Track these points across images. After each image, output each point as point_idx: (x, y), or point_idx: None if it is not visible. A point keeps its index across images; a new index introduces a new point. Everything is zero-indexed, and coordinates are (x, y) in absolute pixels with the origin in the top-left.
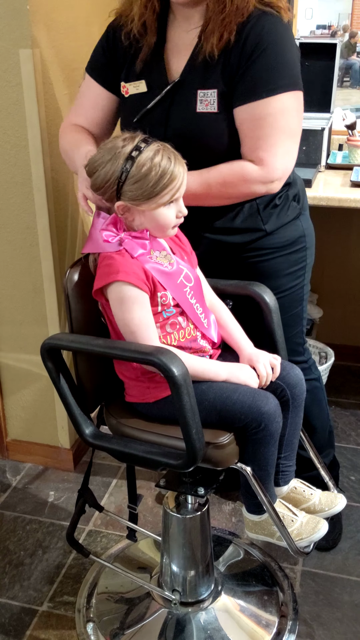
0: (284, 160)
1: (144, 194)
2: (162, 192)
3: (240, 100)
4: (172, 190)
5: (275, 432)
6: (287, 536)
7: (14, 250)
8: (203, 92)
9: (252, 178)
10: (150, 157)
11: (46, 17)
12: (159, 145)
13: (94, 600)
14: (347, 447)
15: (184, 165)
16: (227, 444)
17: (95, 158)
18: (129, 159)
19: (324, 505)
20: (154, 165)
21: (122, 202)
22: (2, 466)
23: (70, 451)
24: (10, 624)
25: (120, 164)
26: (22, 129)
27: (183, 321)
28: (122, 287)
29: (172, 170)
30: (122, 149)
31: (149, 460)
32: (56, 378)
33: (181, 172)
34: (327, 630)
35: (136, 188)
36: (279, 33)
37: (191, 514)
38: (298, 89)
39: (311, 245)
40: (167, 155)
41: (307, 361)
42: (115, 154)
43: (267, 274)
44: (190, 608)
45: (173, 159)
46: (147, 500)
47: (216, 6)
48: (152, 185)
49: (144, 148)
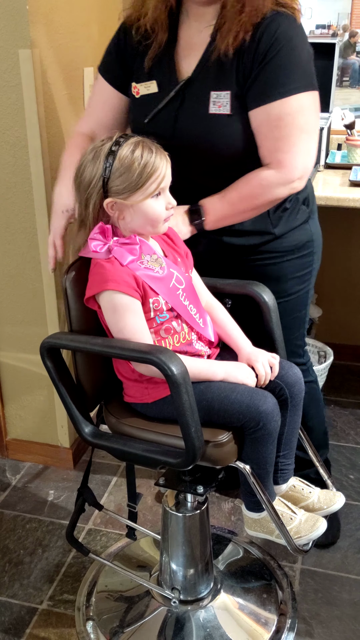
0: (304, 159)
1: (130, 185)
2: (147, 181)
3: (256, 102)
4: (158, 180)
5: (273, 431)
6: (286, 534)
7: (13, 250)
8: (216, 93)
9: (271, 183)
10: (131, 149)
11: (45, 17)
12: (138, 139)
13: (93, 598)
14: (346, 446)
15: (166, 156)
16: (226, 443)
17: (80, 162)
18: (109, 155)
19: (322, 503)
20: (135, 157)
21: (111, 198)
22: (2, 465)
23: (70, 450)
24: (10, 622)
25: (102, 160)
26: (22, 129)
27: (177, 325)
28: (113, 296)
29: (154, 160)
30: (102, 147)
31: (149, 459)
32: (56, 377)
33: (164, 161)
34: (326, 628)
35: (121, 181)
36: (294, 33)
37: (190, 512)
38: (313, 89)
39: (318, 250)
40: (147, 146)
41: (306, 363)
42: (96, 153)
43: (273, 277)
44: (189, 606)
45: (154, 149)
46: (146, 499)
47: (235, 6)
48: (137, 176)
49: (123, 142)
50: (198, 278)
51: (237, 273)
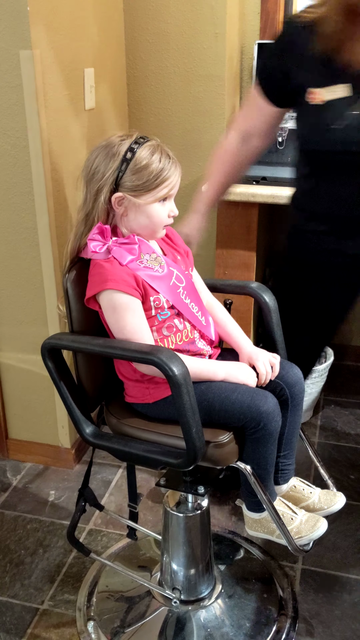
0: None
1: (145, 184)
2: (161, 185)
3: None
4: (170, 185)
5: (274, 431)
6: (287, 534)
7: (14, 250)
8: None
9: None
10: (151, 151)
11: (46, 18)
12: (157, 142)
13: (94, 598)
14: (346, 446)
15: (179, 166)
16: (226, 443)
17: (92, 155)
18: (129, 151)
19: (323, 503)
20: (154, 159)
21: (121, 193)
22: (3, 466)
23: (71, 451)
24: (11, 622)
25: (121, 155)
26: (22, 129)
27: (179, 323)
28: (112, 295)
29: (170, 166)
30: (120, 143)
31: (150, 459)
32: (57, 378)
33: (178, 169)
34: (326, 628)
35: (137, 178)
36: None
37: (191, 512)
38: None
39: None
40: (165, 152)
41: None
42: (114, 148)
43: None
44: (190, 606)
45: (171, 156)
46: (147, 499)
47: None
48: (153, 177)
49: (143, 142)
50: (198, 277)
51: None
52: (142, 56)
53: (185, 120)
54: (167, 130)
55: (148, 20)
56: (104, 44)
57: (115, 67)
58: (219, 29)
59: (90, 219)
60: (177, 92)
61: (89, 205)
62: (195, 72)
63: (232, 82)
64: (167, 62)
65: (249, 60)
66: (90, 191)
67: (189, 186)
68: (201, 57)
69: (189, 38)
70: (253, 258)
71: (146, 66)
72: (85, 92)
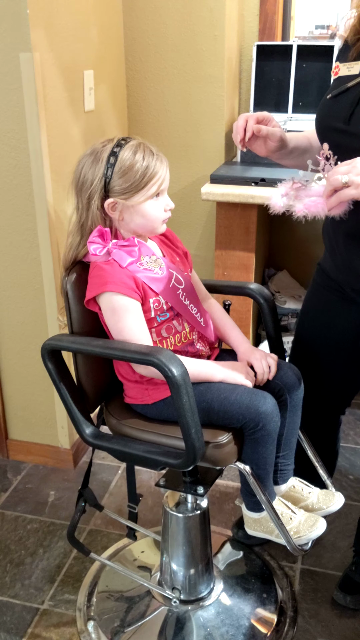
0: None
1: (132, 185)
2: (149, 183)
3: None
4: (159, 181)
5: (273, 432)
6: (286, 534)
7: (14, 251)
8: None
9: None
10: (133, 151)
11: (46, 20)
12: (139, 141)
13: (94, 598)
14: (346, 447)
15: (165, 158)
16: (226, 444)
17: (79, 165)
18: (111, 155)
19: (322, 503)
20: (137, 159)
21: (112, 198)
22: (3, 466)
23: (70, 451)
24: (11, 622)
25: (104, 161)
26: (22, 131)
27: (178, 325)
28: (112, 297)
29: (155, 163)
30: (103, 149)
31: (149, 460)
32: (57, 379)
33: (164, 164)
34: (325, 628)
35: (124, 181)
36: None
37: (191, 512)
38: None
39: None
40: (148, 149)
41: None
42: (97, 155)
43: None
44: (190, 606)
45: (155, 152)
46: (146, 500)
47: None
48: (139, 177)
49: (124, 144)
50: (196, 277)
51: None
52: (142, 58)
53: (185, 122)
54: (167, 131)
55: (147, 22)
56: (103, 46)
57: (114, 69)
58: (218, 30)
59: (86, 228)
60: (176, 93)
61: (82, 214)
62: (194, 73)
63: (231, 83)
64: (166, 63)
65: (247, 62)
66: (81, 200)
67: (189, 187)
68: (200, 59)
69: (188, 40)
70: (252, 259)
71: (145, 68)
72: (84, 94)
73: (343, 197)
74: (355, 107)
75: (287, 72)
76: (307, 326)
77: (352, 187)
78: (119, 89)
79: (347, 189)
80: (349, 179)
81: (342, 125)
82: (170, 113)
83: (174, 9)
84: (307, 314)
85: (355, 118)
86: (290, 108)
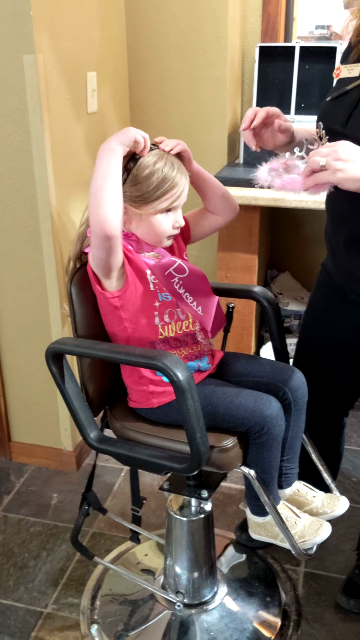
0: None
1: (144, 196)
2: (162, 197)
3: None
4: (172, 198)
5: (278, 436)
6: (291, 538)
7: (17, 253)
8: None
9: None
10: (154, 161)
11: (49, 22)
12: (163, 152)
13: (98, 602)
14: (349, 449)
15: (187, 175)
16: (231, 448)
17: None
18: (131, 160)
19: (326, 507)
20: (156, 169)
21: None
22: (6, 468)
23: (73, 454)
24: (15, 625)
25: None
26: (26, 133)
27: (181, 314)
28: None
29: (174, 177)
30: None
31: (154, 464)
32: (60, 382)
33: (183, 180)
34: (329, 631)
35: (136, 190)
36: None
37: (194, 516)
38: None
39: None
40: (170, 161)
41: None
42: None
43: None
44: (193, 610)
45: (176, 165)
46: (150, 503)
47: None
48: (153, 189)
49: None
50: None
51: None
52: (144, 59)
53: (187, 123)
54: (169, 132)
55: (150, 23)
56: (105, 48)
57: (117, 71)
58: (221, 31)
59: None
60: (178, 94)
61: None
62: (196, 74)
63: (233, 84)
64: (169, 64)
65: (250, 63)
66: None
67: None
68: (203, 60)
69: (191, 41)
70: (255, 261)
71: (148, 69)
72: (87, 96)
73: (319, 180)
74: (353, 110)
75: (289, 74)
76: (311, 326)
77: (329, 171)
78: (121, 90)
79: (324, 172)
80: (326, 162)
81: (339, 128)
82: (172, 114)
83: (177, 10)
84: (311, 314)
85: (353, 121)
86: (292, 109)
